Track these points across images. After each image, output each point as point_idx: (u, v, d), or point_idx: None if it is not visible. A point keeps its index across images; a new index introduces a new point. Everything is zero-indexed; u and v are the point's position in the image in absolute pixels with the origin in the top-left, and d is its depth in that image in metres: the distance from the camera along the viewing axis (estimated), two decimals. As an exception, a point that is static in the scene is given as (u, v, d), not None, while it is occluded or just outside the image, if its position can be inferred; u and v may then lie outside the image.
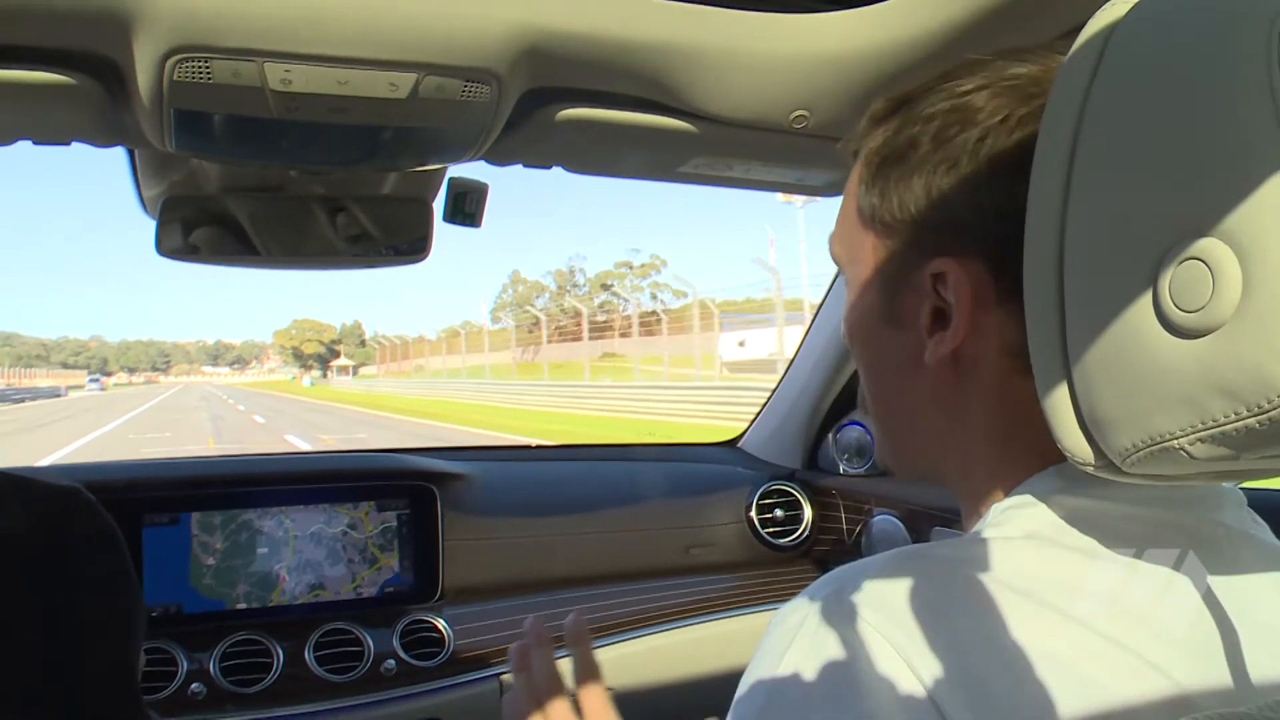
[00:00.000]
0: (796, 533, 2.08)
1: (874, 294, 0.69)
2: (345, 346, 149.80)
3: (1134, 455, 0.49)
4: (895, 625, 0.54)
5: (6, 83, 0.96)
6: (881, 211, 0.66)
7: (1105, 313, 0.48)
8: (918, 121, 0.64)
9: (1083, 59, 0.52)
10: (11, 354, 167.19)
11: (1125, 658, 0.52)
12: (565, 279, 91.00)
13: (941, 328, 0.64)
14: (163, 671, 1.55)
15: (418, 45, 0.93)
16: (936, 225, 0.63)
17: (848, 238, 0.71)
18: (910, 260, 0.65)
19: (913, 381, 0.68)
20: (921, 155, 0.63)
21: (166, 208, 1.33)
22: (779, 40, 1.02)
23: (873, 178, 0.67)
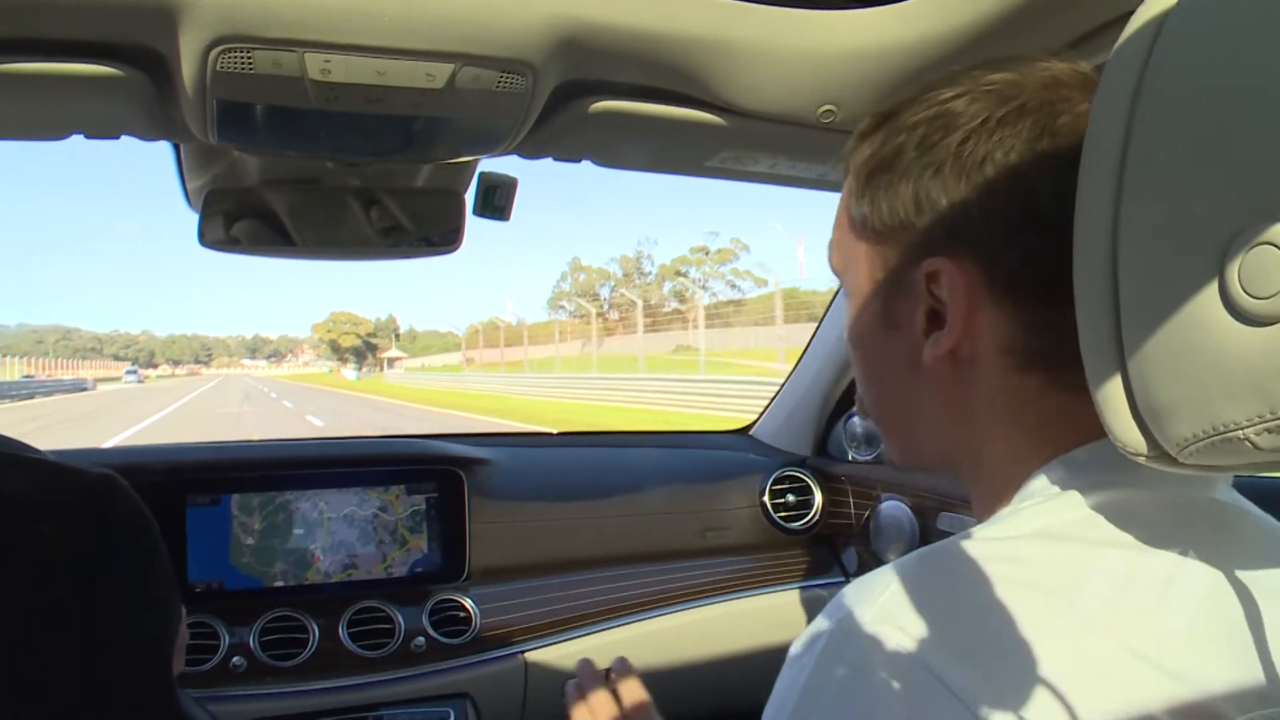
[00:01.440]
0: (808, 517, 2.05)
1: (871, 300, 0.68)
2: (380, 339, 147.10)
3: (1193, 445, 0.46)
4: (914, 636, 0.52)
5: (58, 76, 0.93)
6: (872, 219, 0.66)
7: (1167, 302, 0.45)
8: (902, 131, 0.63)
9: (1133, 48, 0.49)
10: (69, 347, 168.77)
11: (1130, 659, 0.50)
12: (632, 266, 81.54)
13: (937, 327, 0.62)
14: (206, 645, 1.54)
15: (455, 36, 0.89)
16: (926, 228, 0.62)
17: (843, 248, 0.71)
18: (903, 264, 0.64)
19: (913, 382, 0.66)
20: (907, 162, 0.62)
21: (209, 200, 1.30)
22: (808, 35, 0.98)
23: (862, 188, 0.66)
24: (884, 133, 0.65)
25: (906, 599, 0.54)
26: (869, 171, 0.65)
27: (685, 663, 1.80)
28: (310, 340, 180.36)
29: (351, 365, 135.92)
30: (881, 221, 0.65)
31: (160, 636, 0.53)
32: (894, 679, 0.50)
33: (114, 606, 0.50)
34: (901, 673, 0.50)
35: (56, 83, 0.93)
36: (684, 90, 1.04)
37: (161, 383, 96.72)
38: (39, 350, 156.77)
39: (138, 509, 0.53)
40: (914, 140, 0.62)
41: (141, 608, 0.52)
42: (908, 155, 0.62)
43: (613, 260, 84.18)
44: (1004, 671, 0.49)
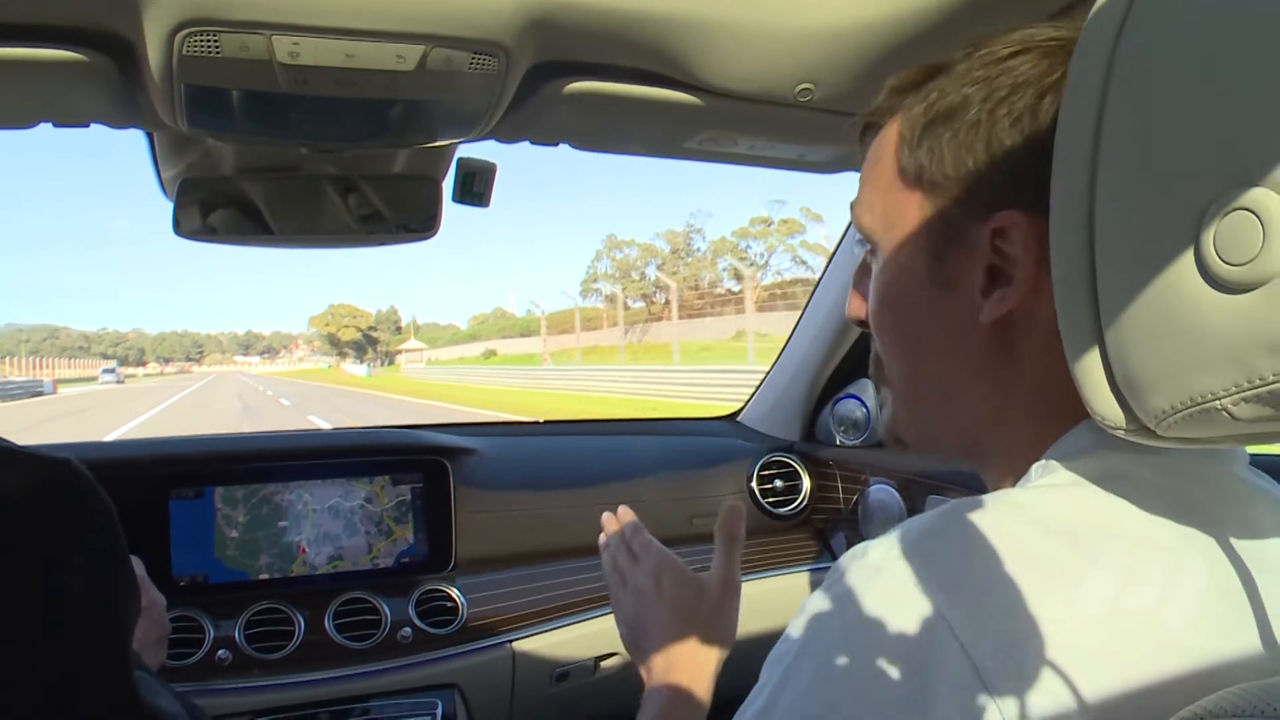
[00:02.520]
0: (796, 502, 2.04)
1: (918, 256, 0.64)
2: (381, 332, 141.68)
3: (1171, 417, 0.45)
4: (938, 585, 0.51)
5: (22, 61, 0.91)
6: (931, 170, 0.62)
7: (1143, 270, 0.44)
8: (965, 84, 0.60)
9: (1106, 17, 0.48)
10: (56, 346, 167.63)
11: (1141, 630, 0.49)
12: (681, 241, 68.99)
13: (998, 286, 0.59)
14: (191, 638, 1.52)
15: (425, 17, 0.87)
16: (999, 179, 0.59)
17: (883, 203, 0.67)
18: (965, 217, 0.61)
19: (959, 347, 0.63)
20: (975, 113, 0.59)
21: (184, 190, 1.28)
22: (785, 13, 0.96)
23: (918, 138, 0.63)
24: (940, 83, 0.62)
25: (929, 549, 0.53)
26: (928, 121, 0.62)
27: (674, 649, 1.78)
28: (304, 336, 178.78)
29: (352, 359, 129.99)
30: (943, 172, 0.61)
31: (117, 621, 0.52)
32: (912, 620, 0.50)
33: (70, 589, 0.49)
34: (919, 616, 0.50)
35: (19, 68, 0.91)
36: (660, 70, 1.03)
37: (147, 382, 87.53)
38: (24, 350, 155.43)
39: (94, 493, 0.52)
40: (980, 93, 0.59)
41: (97, 591, 0.51)
42: (974, 106, 0.59)
43: (658, 236, 73.02)
44: (1012, 633, 0.48)
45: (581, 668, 1.73)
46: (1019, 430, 0.62)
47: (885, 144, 0.66)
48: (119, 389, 62.08)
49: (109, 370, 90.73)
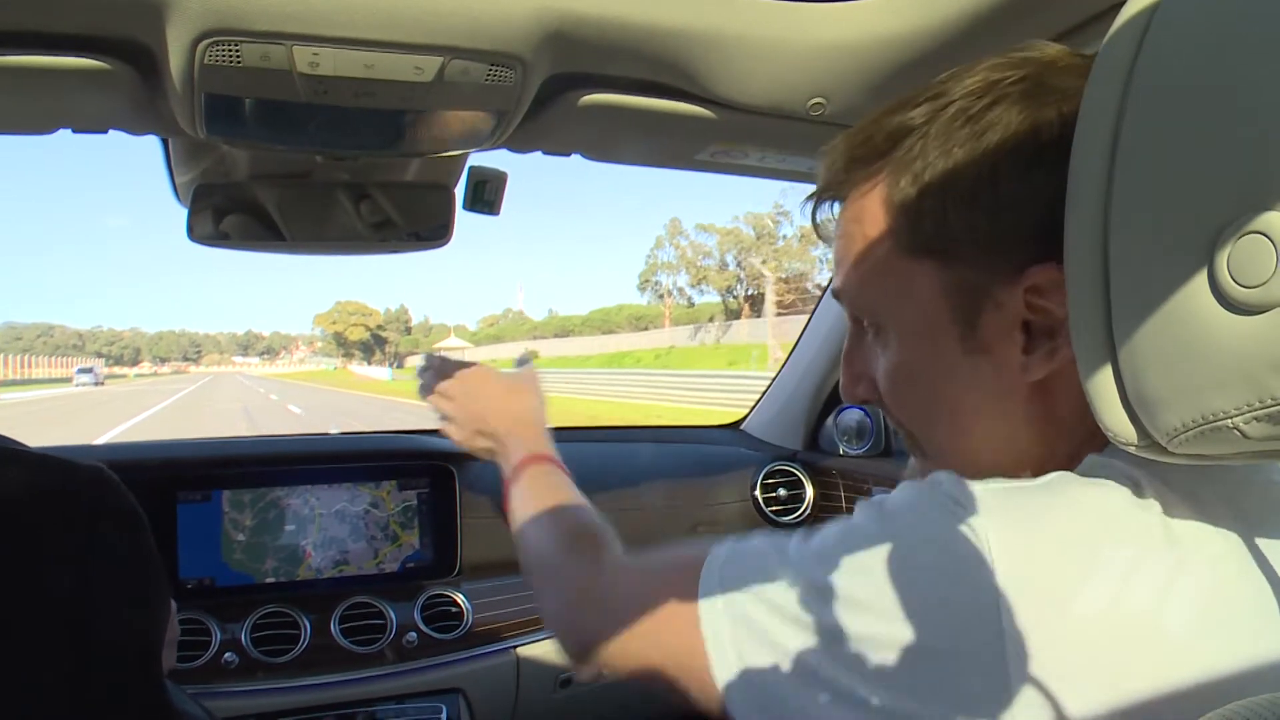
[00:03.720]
0: (798, 511, 2.05)
1: (944, 327, 0.62)
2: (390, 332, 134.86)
3: (1183, 435, 0.45)
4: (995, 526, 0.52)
5: (44, 69, 0.92)
6: (942, 238, 0.60)
7: (1156, 290, 0.45)
8: (950, 144, 0.59)
9: (1123, 39, 0.48)
10: (50, 344, 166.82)
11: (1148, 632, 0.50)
12: (764, 226, 58.70)
13: (1045, 339, 0.59)
14: (198, 641, 1.53)
15: (444, 29, 0.88)
16: (1022, 236, 0.58)
17: (885, 281, 0.64)
18: (992, 280, 0.59)
19: (1002, 407, 0.62)
20: (975, 175, 0.58)
21: (198, 195, 1.29)
22: (798, 28, 0.97)
23: (915, 209, 0.61)
24: (916, 148, 0.60)
25: (993, 501, 0.54)
26: (921, 188, 0.60)
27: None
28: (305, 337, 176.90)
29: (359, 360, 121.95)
30: (953, 239, 0.59)
31: (148, 629, 0.53)
32: (963, 552, 0.51)
33: (103, 598, 0.49)
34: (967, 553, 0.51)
35: (43, 76, 0.92)
36: (673, 83, 1.04)
37: (135, 384, 77.34)
38: (16, 348, 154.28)
39: (127, 501, 0.53)
40: (973, 153, 0.58)
41: (130, 600, 0.51)
42: (972, 167, 0.58)
43: (738, 219, 60.87)
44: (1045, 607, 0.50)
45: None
46: (1058, 458, 0.61)
47: (868, 219, 0.64)
48: (94, 392, 54.00)
49: (85, 370, 78.39)
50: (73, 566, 0.49)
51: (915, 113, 0.61)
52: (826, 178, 0.68)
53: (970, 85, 0.60)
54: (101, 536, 0.51)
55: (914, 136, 0.61)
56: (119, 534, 0.52)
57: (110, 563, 0.51)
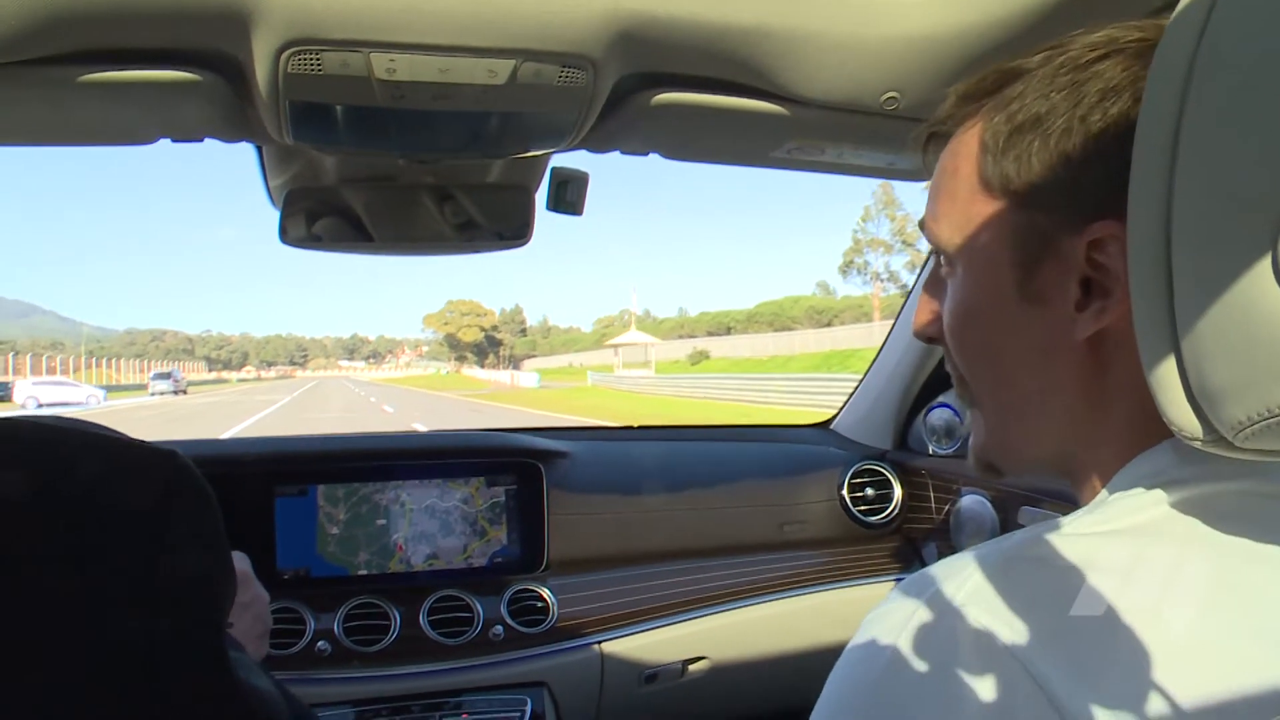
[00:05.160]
0: (887, 511, 2.02)
1: (1005, 270, 0.61)
2: (504, 334, 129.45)
3: (1249, 429, 0.44)
4: (1003, 622, 0.49)
5: (141, 82, 0.97)
6: (1019, 179, 0.59)
7: (1219, 280, 0.43)
8: (1051, 90, 0.58)
9: (1188, 20, 0.47)
10: (162, 348, 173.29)
11: (1233, 641, 0.48)
12: None
13: (1094, 299, 0.57)
14: (293, 630, 1.58)
15: (515, 32, 0.90)
16: (1096, 189, 0.56)
17: (962, 215, 0.64)
18: (1057, 228, 0.58)
19: (1052, 363, 0.60)
20: (1065, 120, 0.57)
21: (290, 199, 1.33)
22: (870, 22, 0.96)
23: (1003, 147, 0.60)
24: (1018, 90, 0.60)
25: (995, 585, 0.51)
26: (1012, 129, 0.59)
27: (762, 656, 1.78)
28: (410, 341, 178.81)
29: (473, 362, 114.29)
30: (1031, 182, 0.59)
31: (213, 606, 0.55)
32: (981, 663, 0.48)
33: (172, 572, 0.52)
34: (988, 658, 0.48)
35: (140, 89, 0.97)
36: (745, 80, 1.04)
37: (231, 391, 66.17)
38: (131, 352, 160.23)
39: (198, 482, 0.55)
40: (1069, 101, 0.57)
41: (199, 576, 0.54)
42: (1063, 113, 0.57)
43: None
44: (1092, 664, 0.47)
45: (670, 670, 1.74)
46: (1112, 447, 0.59)
47: (962, 154, 0.64)
48: (168, 404, 43.13)
49: (162, 376, 63.58)
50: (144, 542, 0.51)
51: (1033, 59, 0.61)
52: (939, 116, 0.67)
53: (1092, 39, 0.59)
54: (173, 513, 0.53)
55: (1022, 79, 0.60)
56: (189, 511, 0.54)
57: (180, 539, 0.53)
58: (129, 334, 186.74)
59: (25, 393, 46.44)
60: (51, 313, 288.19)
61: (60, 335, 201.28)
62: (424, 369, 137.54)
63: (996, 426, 0.67)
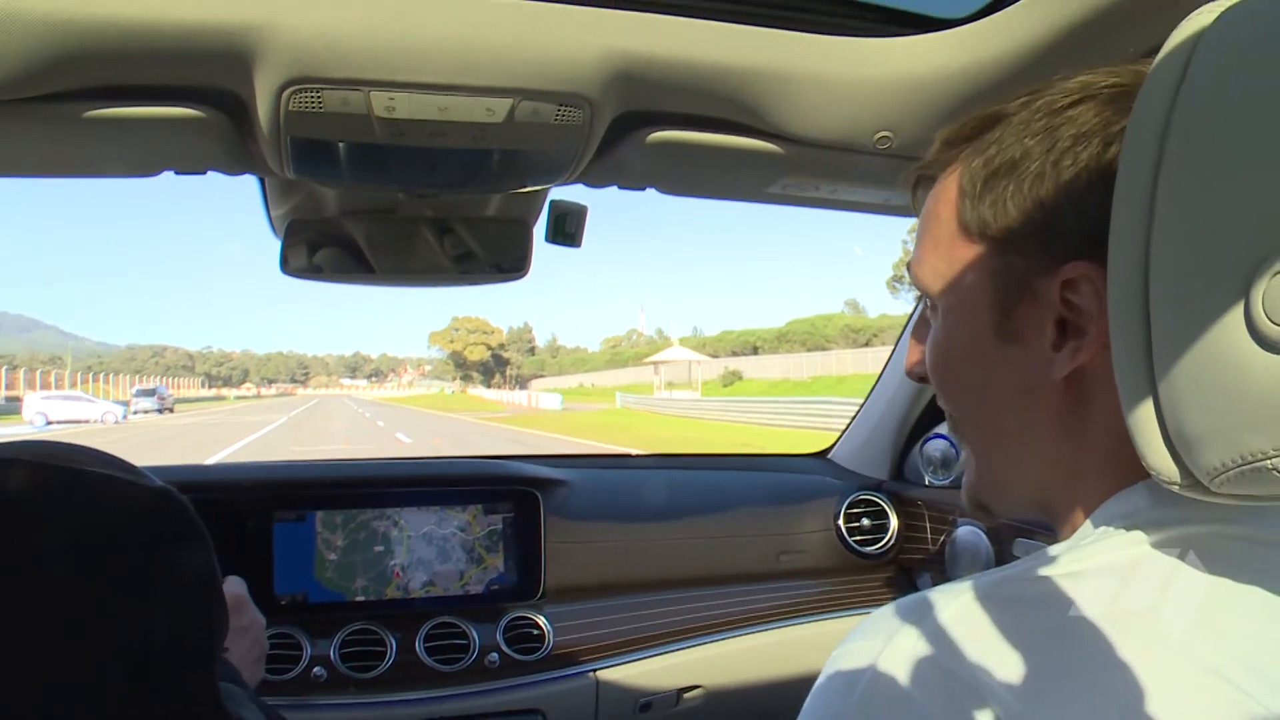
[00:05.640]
0: (883, 541, 2.02)
1: (984, 311, 0.62)
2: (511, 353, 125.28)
3: (1223, 475, 0.44)
4: (975, 661, 0.50)
5: (148, 119, 0.99)
6: (994, 224, 0.61)
7: (1194, 327, 0.44)
8: (1025, 135, 0.59)
9: (1167, 69, 0.48)
10: (162, 364, 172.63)
11: (1203, 677, 0.48)
12: None
13: (1070, 339, 0.58)
14: (289, 655, 1.58)
15: (513, 72, 0.92)
16: (1068, 231, 0.57)
17: (942, 260, 0.65)
18: (1032, 270, 0.59)
19: (1030, 401, 0.62)
20: (1039, 165, 0.58)
21: (291, 230, 1.35)
22: (862, 64, 0.98)
23: (979, 192, 0.61)
24: (997, 134, 0.61)
25: (967, 623, 0.52)
26: (988, 174, 0.61)
27: (756, 685, 1.79)
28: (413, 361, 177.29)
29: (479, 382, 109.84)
30: (1007, 226, 0.60)
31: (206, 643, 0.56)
32: (952, 702, 0.49)
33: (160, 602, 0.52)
34: (959, 696, 0.49)
35: (145, 125, 0.99)
36: (740, 119, 1.06)
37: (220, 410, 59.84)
38: (130, 368, 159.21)
39: (191, 521, 0.56)
40: (1043, 145, 0.58)
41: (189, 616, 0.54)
42: (1037, 157, 0.58)
43: None
44: (1062, 705, 0.47)
45: (664, 699, 1.74)
46: (1091, 483, 0.60)
47: (943, 198, 0.65)
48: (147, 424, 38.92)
49: (145, 392, 55.80)
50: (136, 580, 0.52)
51: (1012, 104, 0.62)
52: (925, 161, 0.69)
53: (1067, 84, 0.60)
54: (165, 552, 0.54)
55: (1000, 124, 0.62)
56: (179, 548, 0.55)
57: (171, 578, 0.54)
58: (129, 350, 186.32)
59: (34, 408, 43.47)
60: (54, 328, 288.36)
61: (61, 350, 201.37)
62: (427, 388, 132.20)
63: (983, 464, 0.68)
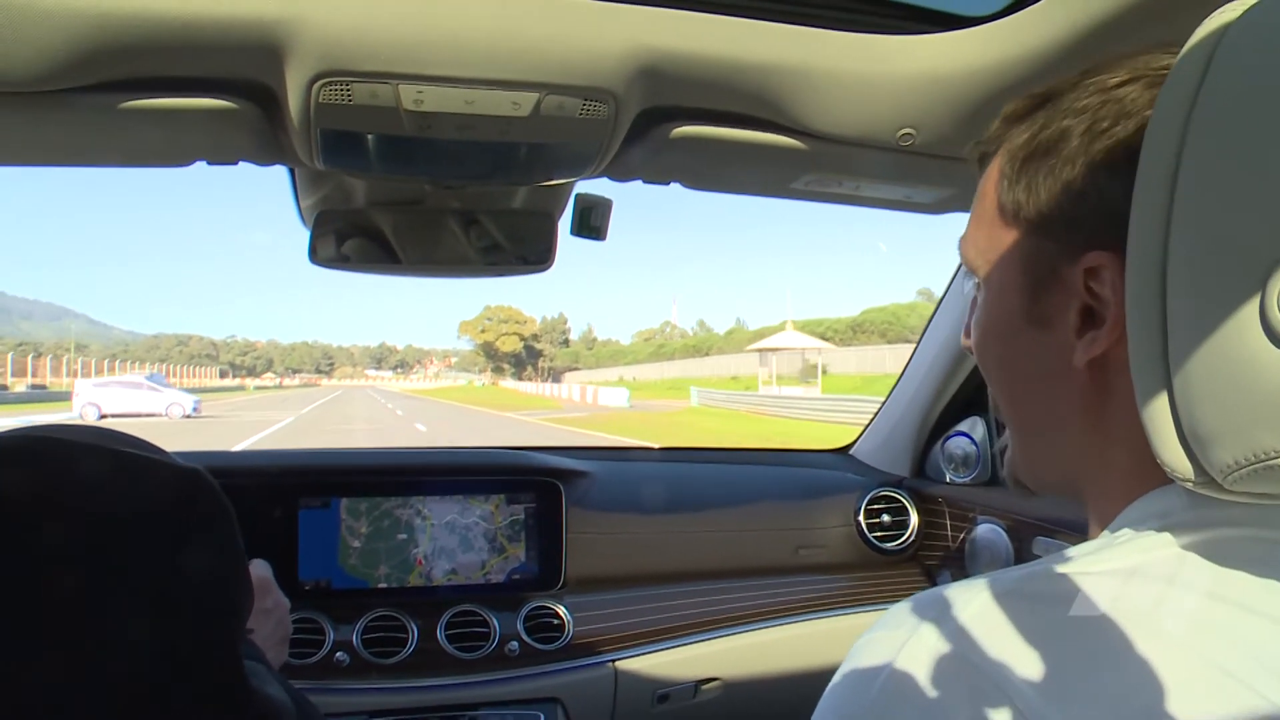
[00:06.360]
0: (903, 538, 2.02)
1: (1016, 294, 0.63)
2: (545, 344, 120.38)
3: (1236, 472, 0.44)
4: (995, 658, 0.50)
5: (182, 110, 1.01)
6: (1028, 207, 0.61)
7: (1209, 324, 0.44)
8: (1066, 115, 0.59)
9: (1190, 65, 0.48)
10: (185, 353, 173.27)
11: (1223, 680, 0.47)
12: None
13: (1092, 327, 0.58)
14: (312, 640, 1.61)
15: (539, 67, 0.93)
16: (1092, 218, 0.57)
17: (984, 239, 0.66)
18: (1060, 256, 0.59)
19: (1056, 387, 0.62)
20: (1074, 148, 0.58)
21: (320, 220, 1.37)
22: (884, 61, 0.99)
23: (1017, 173, 0.61)
24: (1043, 115, 0.61)
25: (989, 620, 0.52)
26: (1026, 156, 0.61)
27: (774, 679, 1.79)
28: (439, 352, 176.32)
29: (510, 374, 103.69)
30: (1039, 210, 0.60)
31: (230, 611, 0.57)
32: (972, 698, 0.49)
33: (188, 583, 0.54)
34: (979, 692, 0.49)
35: (180, 116, 1.01)
36: (763, 115, 1.07)
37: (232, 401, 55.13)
38: (154, 356, 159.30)
39: (219, 499, 0.58)
40: (1082, 125, 0.58)
41: (213, 586, 0.56)
42: (1073, 141, 0.58)
43: None
44: (1082, 703, 0.47)
45: (683, 690, 1.75)
46: (1116, 476, 0.60)
47: (989, 178, 0.66)
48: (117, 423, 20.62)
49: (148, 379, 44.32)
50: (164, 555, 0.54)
51: (1065, 82, 0.62)
52: (987, 136, 0.68)
53: (1125, 62, 0.59)
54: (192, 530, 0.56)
55: (1050, 103, 0.61)
56: (208, 528, 0.57)
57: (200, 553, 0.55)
58: (155, 338, 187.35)
59: (86, 398, 35.48)
60: (84, 316, 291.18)
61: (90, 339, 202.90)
62: (453, 380, 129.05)
63: (1017, 444, 0.69)
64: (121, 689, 0.51)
